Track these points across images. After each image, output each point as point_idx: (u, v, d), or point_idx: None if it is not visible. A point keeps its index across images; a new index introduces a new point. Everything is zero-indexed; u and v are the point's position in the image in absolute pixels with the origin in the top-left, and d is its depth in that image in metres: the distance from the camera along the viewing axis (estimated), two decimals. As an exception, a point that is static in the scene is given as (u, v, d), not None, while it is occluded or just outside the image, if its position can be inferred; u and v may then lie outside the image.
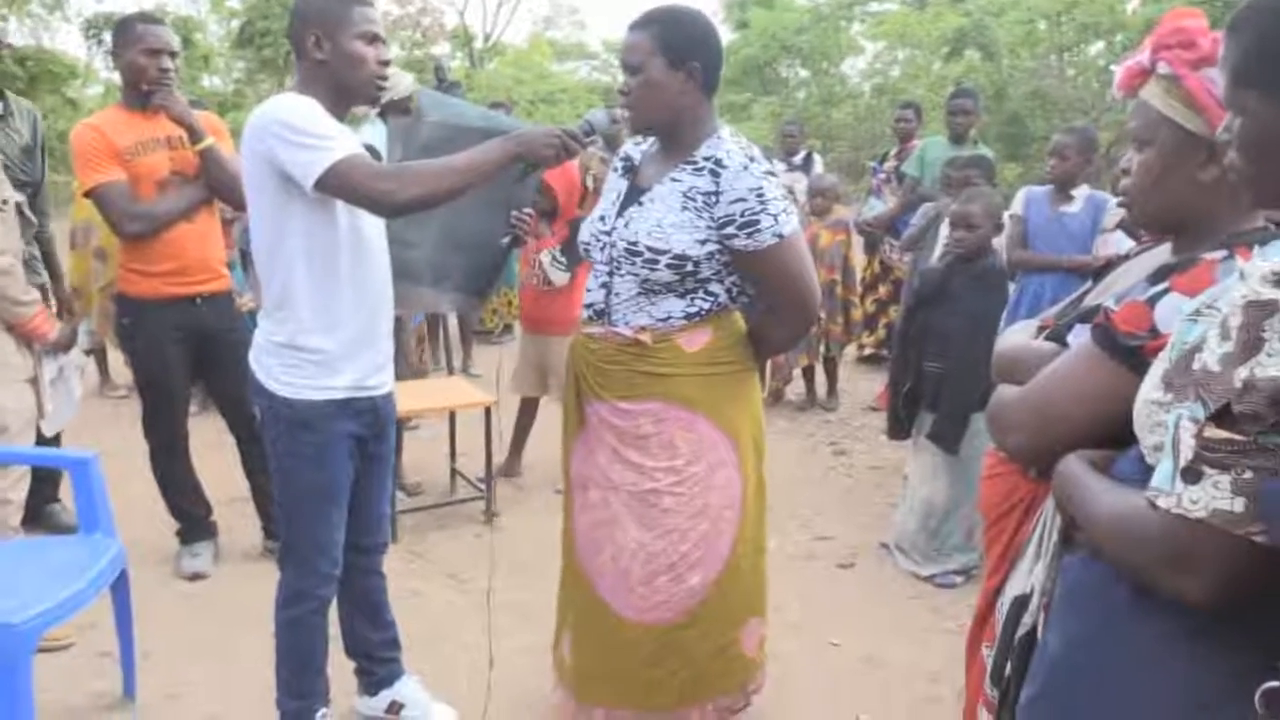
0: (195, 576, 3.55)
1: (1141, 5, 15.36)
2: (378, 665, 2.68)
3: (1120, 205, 1.54)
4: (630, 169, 2.28)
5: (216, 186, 3.38)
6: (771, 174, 2.14)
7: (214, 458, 3.97)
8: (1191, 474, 0.97)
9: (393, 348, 2.49)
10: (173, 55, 3.33)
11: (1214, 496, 0.96)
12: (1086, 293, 1.62)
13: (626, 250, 2.12)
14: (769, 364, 5.93)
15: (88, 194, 3.32)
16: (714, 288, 2.14)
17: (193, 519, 3.67)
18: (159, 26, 3.37)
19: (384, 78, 2.31)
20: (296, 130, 2.10)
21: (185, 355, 3.49)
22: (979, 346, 3.32)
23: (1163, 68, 1.37)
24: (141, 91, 3.30)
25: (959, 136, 5.82)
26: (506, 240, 2.65)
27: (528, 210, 2.71)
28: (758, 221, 2.05)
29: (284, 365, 2.28)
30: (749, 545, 2.25)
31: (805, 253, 2.19)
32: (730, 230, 2.06)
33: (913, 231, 5.30)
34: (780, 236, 2.07)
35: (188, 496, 3.67)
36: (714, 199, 2.06)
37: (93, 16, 15.96)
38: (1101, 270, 1.65)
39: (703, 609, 2.20)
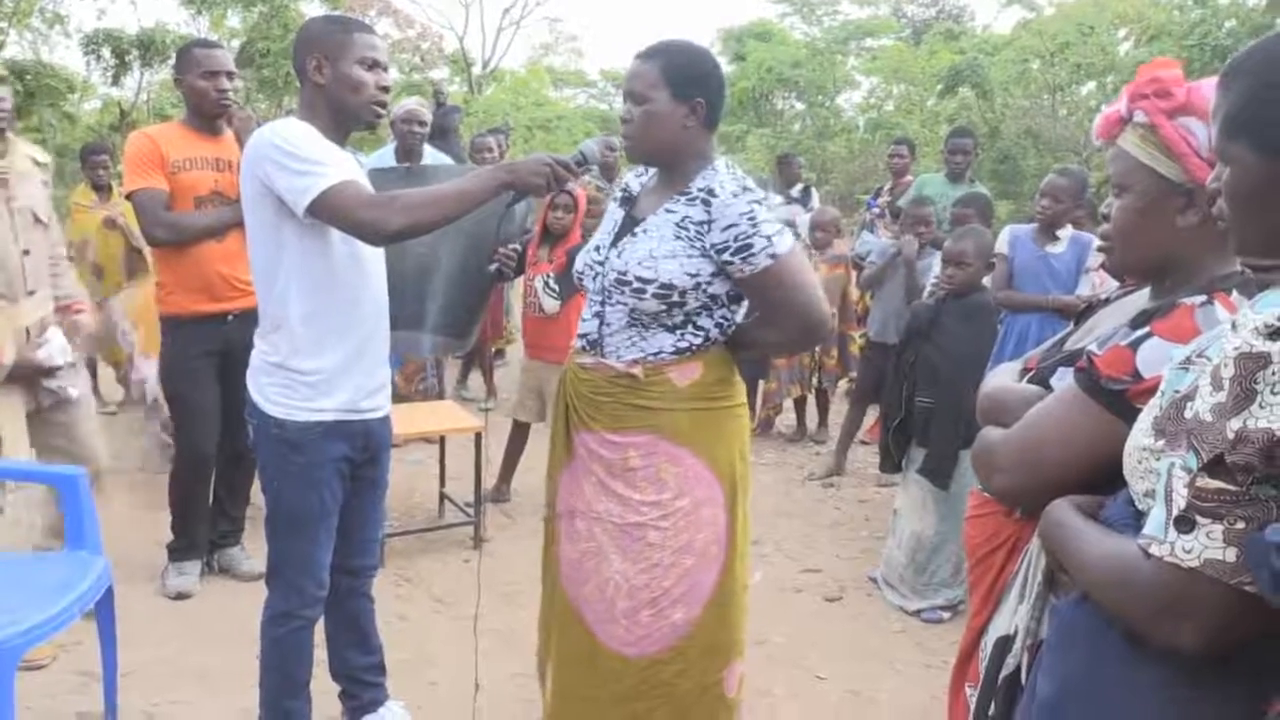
0: (180, 596, 3.54)
1: (1134, 48, 15.56)
2: (363, 690, 2.68)
3: (1100, 250, 1.57)
4: (629, 199, 2.30)
5: None
6: (761, 201, 2.14)
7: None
8: (1185, 523, 0.99)
9: (389, 372, 2.50)
10: (229, 76, 3.45)
11: (1206, 546, 0.97)
12: (1068, 335, 1.64)
13: (616, 280, 2.13)
14: (760, 393, 5.96)
15: (128, 196, 3.45)
16: (703, 322, 2.15)
17: (191, 539, 3.65)
18: (215, 50, 3.51)
19: (383, 103, 2.35)
20: (291, 156, 2.14)
21: (214, 371, 3.50)
22: (967, 382, 3.35)
23: (1139, 116, 1.41)
24: (202, 113, 3.44)
25: (957, 175, 5.87)
26: (493, 268, 2.66)
27: (514, 246, 2.73)
28: (751, 245, 2.06)
29: (277, 385, 2.30)
30: (734, 583, 2.24)
31: (805, 268, 2.16)
32: (727, 257, 2.07)
33: (873, 271, 5.35)
34: (774, 256, 2.08)
35: (197, 516, 3.65)
36: (706, 228, 2.08)
37: (93, 32, 15.94)
38: (1083, 313, 1.68)
39: (686, 645, 2.19)
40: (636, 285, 2.09)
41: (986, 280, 3.94)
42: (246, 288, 3.48)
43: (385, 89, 2.34)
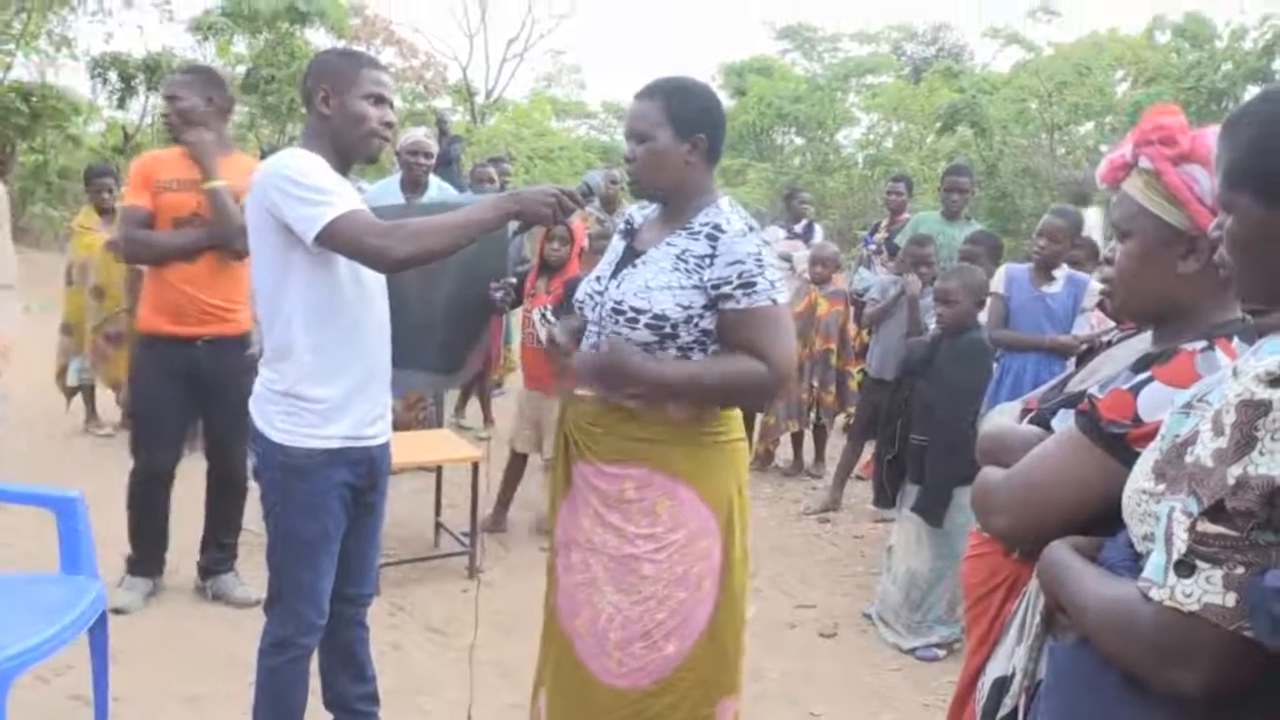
0: (118, 611, 3.37)
1: (1131, 89, 15.72)
2: (356, 719, 2.66)
3: (1102, 294, 1.59)
4: (630, 231, 2.32)
5: (216, 229, 3.41)
6: (767, 244, 2.18)
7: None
8: (1185, 567, 0.99)
9: (390, 399, 2.51)
10: (171, 99, 3.49)
11: (1206, 590, 0.98)
12: (1069, 377, 1.66)
13: (612, 309, 2.15)
14: (758, 426, 5.96)
15: None
16: (697, 357, 2.14)
17: (143, 555, 3.64)
18: (174, 75, 3.66)
19: (385, 138, 2.38)
20: (299, 185, 2.16)
21: (181, 394, 3.50)
22: (961, 420, 3.38)
23: (1144, 162, 1.43)
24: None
25: (953, 213, 5.90)
26: (498, 295, 2.67)
27: (510, 279, 2.74)
28: (755, 283, 2.08)
29: (282, 413, 2.31)
30: (729, 618, 2.22)
31: (791, 327, 2.19)
32: (726, 290, 2.08)
33: (876, 308, 5.38)
34: (774, 300, 2.10)
35: (151, 534, 3.63)
36: (708, 261, 2.09)
37: (100, 56, 16.04)
38: (1084, 354, 1.70)
39: (678, 678, 2.17)
40: (630, 315, 2.11)
41: (981, 318, 3.96)
42: (217, 312, 3.50)
43: (388, 124, 2.38)
